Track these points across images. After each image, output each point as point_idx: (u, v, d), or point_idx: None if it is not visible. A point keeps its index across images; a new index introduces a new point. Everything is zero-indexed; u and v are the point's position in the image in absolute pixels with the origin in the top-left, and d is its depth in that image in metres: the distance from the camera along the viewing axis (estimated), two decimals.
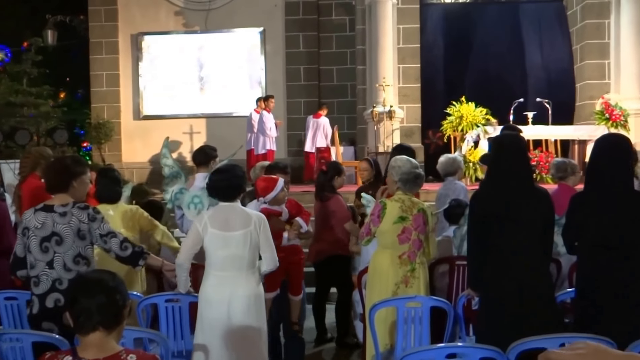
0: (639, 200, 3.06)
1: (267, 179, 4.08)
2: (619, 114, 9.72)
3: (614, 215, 2.97)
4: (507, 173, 3.12)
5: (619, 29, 10.42)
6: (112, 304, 1.85)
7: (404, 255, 3.53)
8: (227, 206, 3.30)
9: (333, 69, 12.10)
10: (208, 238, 3.22)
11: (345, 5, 11.93)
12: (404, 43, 10.63)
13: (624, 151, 3.05)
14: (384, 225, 3.56)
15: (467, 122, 9.33)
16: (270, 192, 3.95)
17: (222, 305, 3.19)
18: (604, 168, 3.03)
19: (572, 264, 3.96)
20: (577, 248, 3.18)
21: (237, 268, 3.24)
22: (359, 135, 11.07)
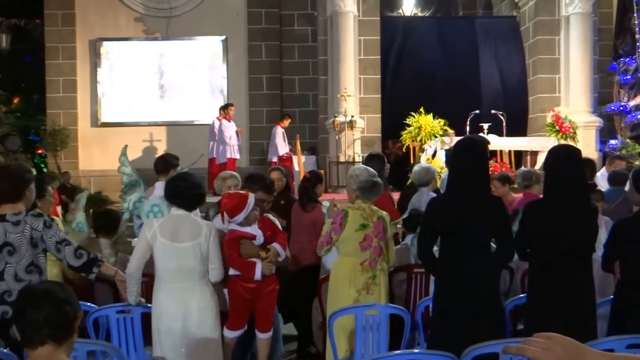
0: (592, 210, 3.20)
1: (235, 196, 3.37)
2: (569, 127, 10.12)
3: (567, 224, 3.06)
4: (468, 179, 3.16)
5: (568, 45, 10.88)
6: (62, 315, 1.78)
7: (365, 263, 3.60)
8: (180, 215, 3.23)
9: (295, 79, 12.19)
10: (157, 247, 3.15)
11: (308, 16, 12.06)
12: (364, 54, 10.81)
13: (578, 162, 3.17)
14: (346, 233, 3.61)
15: (426, 133, 9.55)
16: (241, 212, 3.30)
17: (177, 317, 3.13)
18: (559, 178, 3.12)
19: (524, 270, 4.10)
20: (529, 255, 3.29)
21: (189, 279, 3.17)
22: (321, 145, 11.17)
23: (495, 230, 3.13)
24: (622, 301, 3.15)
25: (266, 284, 3.45)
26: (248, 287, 3.38)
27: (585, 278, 3.09)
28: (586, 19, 10.76)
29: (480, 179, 3.13)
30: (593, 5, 10.90)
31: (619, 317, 3.13)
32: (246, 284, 3.38)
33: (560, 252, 3.07)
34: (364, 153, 10.42)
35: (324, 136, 10.87)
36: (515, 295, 4.00)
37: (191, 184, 3.29)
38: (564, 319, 3.02)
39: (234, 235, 3.34)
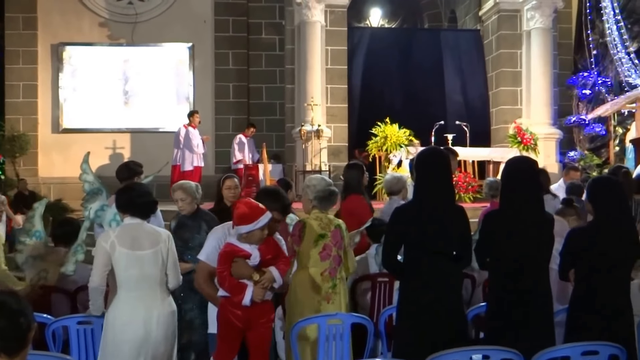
0: (548, 220, 3.27)
1: (253, 205, 3.02)
2: (530, 138, 10.37)
3: (524, 234, 3.12)
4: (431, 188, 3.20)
5: (529, 59, 11.18)
6: (16, 328, 1.73)
7: (325, 272, 3.60)
8: (135, 224, 3.26)
9: (262, 87, 12.17)
10: (116, 257, 3.14)
11: (275, 25, 12.07)
12: (332, 64, 10.88)
13: (533, 172, 3.25)
14: (305, 244, 3.60)
15: (392, 143, 9.65)
16: (249, 224, 2.92)
17: (139, 325, 3.12)
18: (515, 188, 3.19)
19: (485, 279, 4.16)
20: (488, 264, 3.35)
21: (150, 287, 3.20)
22: (287, 154, 11.16)
23: (457, 239, 3.17)
24: (577, 309, 3.22)
25: (260, 313, 3.05)
26: (237, 314, 3.01)
27: (542, 286, 3.15)
28: (546, 34, 11.09)
29: (442, 188, 3.18)
30: (553, 20, 11.24)
31: (575, 325, 3.20)
32: (235, 309, 3.01)
33: (516, 261, 3.13)
34: (330, 162, 10.48)
35: (291, 145, 10.87)
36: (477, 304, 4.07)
37: (141, 192, 3.36)
38: (523, 327, 3.08)
39: (229, 250, 3.01)
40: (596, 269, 3.15)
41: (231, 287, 3.00)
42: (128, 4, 12.06)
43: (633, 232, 3.23)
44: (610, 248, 3.12)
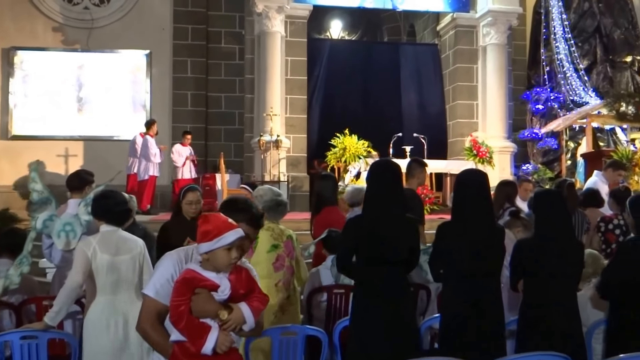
0: (499, 231, 3.33)
1: (218, 219, 2.29)
2: (485, 151, 10.60)
3: (476, 245, 3.17)
4: (381, 200, 3.22)
5: (485, 74, 11.46)
6: None
7: (279, 283, 3.56)
8: (112, 231, 3.35)
9: (221, 96, 12.04)
10: (97, 264, 3.23)
11: (235, 34, 12.00)
12: (291, 74, 10.88)
13: (483, 185, 3.30)
14: (258, 255, 3.55)
15: (350, 154, 9.69)
16: (210, 241, 2.20)
17: (117, 328, 3.21)
18: (466, 200, 3.24)
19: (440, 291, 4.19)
20: (442, 276, 3.38)
21: (127, 292, 3.30)
22: (246, 164, 11.06)
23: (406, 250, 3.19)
24: (526, 320, 3.27)
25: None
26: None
27: (493, 297, 3.19)
28: (502, 50, 11.40)
29: (391, 199, 3.20)
30: (508, 37, 11.57)
31: (525, 335, 3.25)
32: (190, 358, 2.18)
33: (469, 272, 3.16)
34: (289, 173, 10.44)
35: (249, 155, 10.78)
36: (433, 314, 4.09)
37: (118, 200, 3.45)
38: (475, 337, 3.10)
39: (189, 277, 2.21)
40: (542, 280, 3.20)
41: (189, 328, 2.17)
42: (84, 9, 11.79)
43: (574, 244, 3.31)
44: (552, 260, 3.18)
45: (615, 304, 3.23)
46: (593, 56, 12.86)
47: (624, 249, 3.23)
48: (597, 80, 12.62)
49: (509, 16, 11.31)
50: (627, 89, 12.01)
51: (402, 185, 3.47)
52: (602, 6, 12.95)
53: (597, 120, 11.12)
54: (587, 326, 3.45)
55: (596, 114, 11.00)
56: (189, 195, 4.38)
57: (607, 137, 12.18)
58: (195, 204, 4.38)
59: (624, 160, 9.53)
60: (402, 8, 11.61)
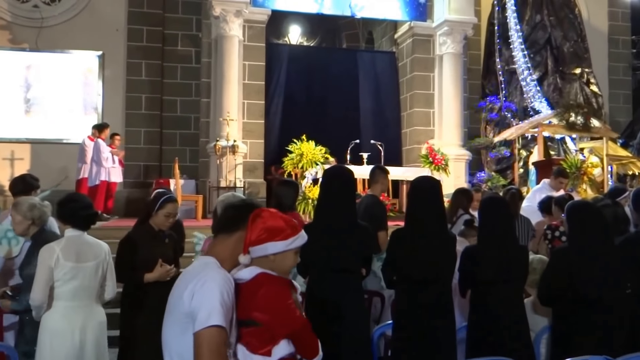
0: (450, 238, 3.35)
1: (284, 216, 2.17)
2: (441, 159, 10.72)
3: (428, 252, 3.17)
4: (334, 206, 3.19)
5: (441, 82, 11.63)
6: None
7: None
8: (77, 236, 3.30)
9: (177, 100, 11.78)
10: (59, 271, 3.18)
11: (192, 37, 11.78)
12: (249, 79, 10.75)
13: (436, 192, 3.31)
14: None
15: (307, 160, 9.62)
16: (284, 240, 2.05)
17: (74, 335, 3.18)
18: (418, 207, 3.25)
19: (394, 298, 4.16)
20: (395, 282, 3.35)
21: (88, 297, 3.27)
22: (201, 169, 10.84)
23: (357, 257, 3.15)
24: (475, 325, 3.28)
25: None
26: None
27: (445, 303, 3.19)
28: (457, 59, 11.59)
29: (345, 207, 3.17)
30: (463, 47, 11.78)
31: (474, 341, 3.25)
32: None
33: (420, 279, 3.15)
34: (245, 178, 10.29)
35: (205, 160, 10.57)
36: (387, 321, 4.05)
37: (84, 204, 3.39)
38: (426, 343, 3.08)
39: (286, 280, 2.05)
40: (488, 285, 3.23)
41: (309, 336, 2.04)
42: (33, 7, 11.37)
43: (518, 250, 3.35)
44: (496, 266, 3.22)
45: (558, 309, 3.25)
46: (544, 67, 13.24)
47: (557, 255, 3.26)
48: (548, 90, 12.99)
49: (464, 26, 11.52)
50: (576, 100, 12.40)
51: (354, 192, 3.45)
52: (553, 19, 13.37)
53: (548, 129, 11.42)
54: (535, 331, 3.49)
55: (547, 124, 11.30)
56: (168, 206, 3.68)
57: (558, 146, 12.54)
58: (173, 217, 3.76)
59: (572, 169, 9.83)
60: (361, 15, 11.67)
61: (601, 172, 10.90)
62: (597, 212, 3.21)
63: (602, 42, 14.47)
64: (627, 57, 14.93)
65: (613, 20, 14.77)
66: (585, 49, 13.68)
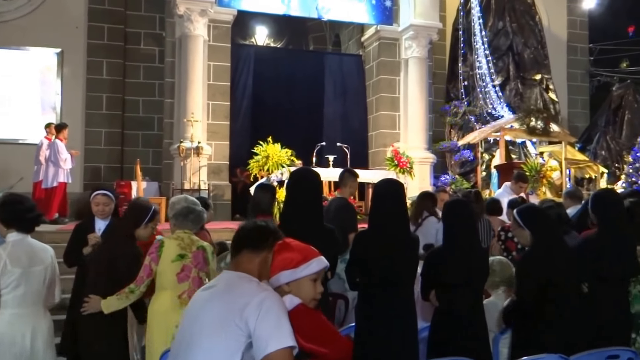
0: (413, 240, 3.34)
1: (299, 244, 2.25)
2: (406, 162, 10.79)
3: (391, 255, 3.15)
4: (300, 208, 3.17)
5: (407, 86, 11.72)
6: None
7: (183, 295, 3.37)
8: (22, 240, 3.19)
9: (139, 100, 11.53)
10: (7, 277, 3.08)
11: (155, 36, 11.57)
12: (214, 80, 10.61)
13: (399, 194, 3.31)
14: (162, 264, 3.40)
15: (273, 162, 9.55)
16: (294, 268, 2.10)
17: (24, 343, 3.09)
18: (381, 209, 3.23)
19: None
20: (358, 284, 3.33)
21: (36, 303, 3.19)
22: (165, 171, 10.63)
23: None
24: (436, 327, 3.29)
25: None
26: None
27: (407, 306, 3.18)
28: (422, 63, 11.70)
29: (310, 209, 3.14)
30: (429, 51, 11.90)
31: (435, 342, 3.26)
32: None
33: (383, 281, 3.14)
34: (210, 181, 10.15)
35: (168, 162, 10.36)
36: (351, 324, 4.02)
37: (28, 206, 3.28)
38: (388, 345, 3.07)
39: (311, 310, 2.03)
40: (451, 287, 3.25)
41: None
42: None
43: (480, 252, 3.38)
44: (459, 268, 3.23)
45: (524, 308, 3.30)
46: (506, 73, 13.51)
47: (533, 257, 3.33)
48: (510, 96, 13.25)
49: (429, 31, 11.64)
50: (537, 105, 12.68)
51: (320, 194, 3.43)
52: (515, 26, 13.65)
53: (510, 133, 11.65)
54: (494, 332, 3.52)
55: (509, 128, 11.52)
56: (97, 197, 4.28)
57: (519, 149, 12.80)
58: (103, 205, 4.26)
59: (532, 172, 10.03)
60: (328, 18, 11.67)
61: (560, 176, 11.17)
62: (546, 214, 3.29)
63: (562, 50, 14.87)
64: (585, 64, 15.38)
65: (572, 29, 15.19)
66: (545, 55, 14.02)
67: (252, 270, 2.03)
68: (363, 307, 3.24)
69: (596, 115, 14.99)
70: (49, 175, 9.29)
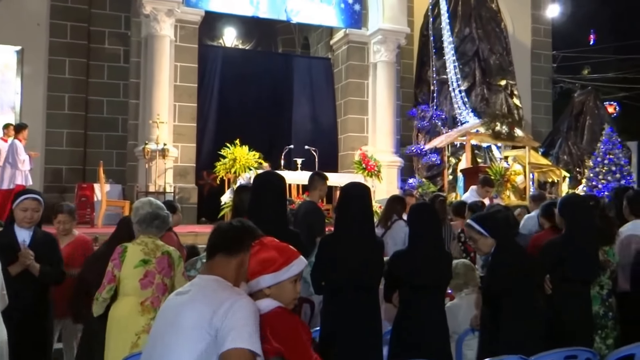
0: (378, 244, 3.34)
1: (278, 243, 2.12)
2: (374, 165, 10.82)
3: (356, 258, 3.14)
4: (264, 213, 3.13)
5: (375, 90, 11.77)
6: None
7: (146, 302, 3.27)
8: None
9: (103, 101, 11.25)
10: None
11: (120, 35, 11.32)
12: (181, 81, 10.45)
13: (365, 198, 3.29)
14: (124, 270, 3.29)
15: (241, 165, 9.44)
16: (276, 271, 2.01)
17: None
18: (346, 213, 3.22)
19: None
20: (324, 288, 3.29)
21: None
22: (129, 173, 10.40)
23: None
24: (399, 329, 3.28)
25: None
26: None
27: (372, 308, 3.18)
28: (391, 68, 11.77)
29: (274, 213, 3.10)
30: (397, 55, 11.99)
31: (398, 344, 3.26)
32: None
33: (348, 284, 3.12)
34: (176, 183, 9.97)
35: (133, 164, 10.15)
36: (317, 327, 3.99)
37: None
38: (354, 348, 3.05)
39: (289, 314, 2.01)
40: (414, 289, 3.25)
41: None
42: None
43: (443, 255, 3.39)
44: (422, 270, 3.23)
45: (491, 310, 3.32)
46: (473, 78, 13.70)
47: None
48: (476, 101, 13.45)
49: (397, 35, 11.73)
50: (502, 110, 12.90)
51: (284, 198, 3.39)
52: (481, 32, 13.87)
53: (475, 138, 11.81)
54: (458, 333, 3.55)
55: (474, 132, 11.68)
56: (26, 202, 3.64)
57: (484, 154, 12.99)
58: (31, 211, 3.65)
59: (497, 176, 10.18)
60: (297, 20, 11.64)
61: (523, 180, 11.37)
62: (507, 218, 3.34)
63: (526, 56, 15.18)
64: (548, 70, 15.73)
65: (536, 36, 15.53)
66: (510, 62, 14.28)
67: (228, 273, 1.96)
68: (329, 310, 3.22)
69: (558, 120, 15.34)
70: (5, 177, 8.96)
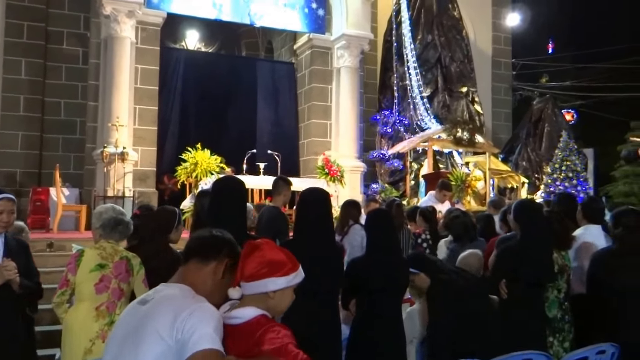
0: (337, 249, 3.35)
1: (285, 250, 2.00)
2: (337, 170, 10.85)
3: (316, 263, 3.12)
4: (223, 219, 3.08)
5: (339, 95, 11.82)
6: None
7: (101, 307, 3.21)
8: None
9: (60, 102, 10.95)
10: None
11: (79, 36, 11.05)
12: (141, 83, 10.27)
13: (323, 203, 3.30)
14: (80, 274, 3.24)
15: (202, 169, 9.34)
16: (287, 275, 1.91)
17: None
18: (306, 219, 3.22)
19: None
20: None
21: None
22: (86, 177, 10.15)
23: None
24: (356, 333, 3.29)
25: None
26: None
27: (332, 313, 3.18)
28: (354, 73, 11.85)
29: (233, 219, 3.06)
30: (360, 61, 12.07)
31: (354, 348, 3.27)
32: None
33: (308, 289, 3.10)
34: (135, 187, 9.78)
35: (91, 167, 9.91)
36: None
37: None
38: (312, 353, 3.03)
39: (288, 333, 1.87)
40: (372, 295, 3.27)
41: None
42: None
43: (400, 260, 3.42)
44: (380, 275, 3.27)
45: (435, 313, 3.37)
46: (435, 85, 13.90)
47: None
48: (438, 107, 13.64)
49: (361, 41, 11.81)
50: (463, 117, 13.12)
51: (244, 203, 3.35)
52: (443, 40, 14.09)
53: (437, 144, 11.98)
54: (417, 338, 3.58)
55: (436, 138, 11.85)
56: (1, 203, 3.31)
57: (446, 159, 13.18)
58: (7, 214, 3.32)
59: (458, 182, 10.35)
60: (260, 25, 11.59)
61: (484, 185, 11.59)
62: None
63: (486, 64, 15.52)
64: (508, 78, 16.12)
65: (496, 44, 15.90)
66: (471, 69, 14.55)
67: (199, 280, 1.86)
68: (288, 316, 3.19)
69: (518, 127, 15.72)
70: None
